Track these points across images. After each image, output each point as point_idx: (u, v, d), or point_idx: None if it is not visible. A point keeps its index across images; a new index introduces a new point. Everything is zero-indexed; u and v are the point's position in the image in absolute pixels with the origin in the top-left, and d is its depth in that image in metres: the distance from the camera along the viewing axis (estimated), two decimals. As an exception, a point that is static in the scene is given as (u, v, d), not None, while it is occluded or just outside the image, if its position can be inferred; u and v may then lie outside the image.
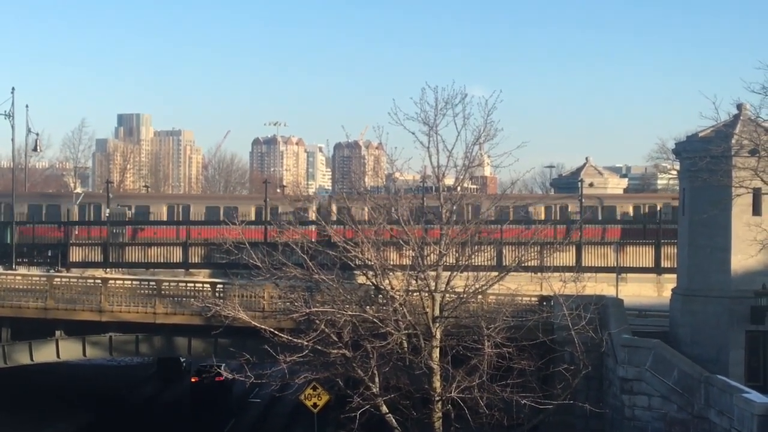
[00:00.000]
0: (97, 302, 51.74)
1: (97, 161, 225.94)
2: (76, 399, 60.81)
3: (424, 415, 35.99)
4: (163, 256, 66.23)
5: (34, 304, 52.24)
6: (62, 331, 52.65)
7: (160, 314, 51.24)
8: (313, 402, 42.88)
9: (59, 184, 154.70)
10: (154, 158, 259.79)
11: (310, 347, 35.52)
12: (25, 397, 60.01)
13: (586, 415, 40.51)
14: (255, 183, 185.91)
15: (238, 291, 48.95)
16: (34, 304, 52.24)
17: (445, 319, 36.52)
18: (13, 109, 61.85)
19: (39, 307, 52.11)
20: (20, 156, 75.82)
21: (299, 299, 37.90)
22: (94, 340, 52.94)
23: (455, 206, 37.73)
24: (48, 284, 52.61)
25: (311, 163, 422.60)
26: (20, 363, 53.65)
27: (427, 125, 36.15)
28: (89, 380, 66.82)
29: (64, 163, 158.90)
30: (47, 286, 52.45)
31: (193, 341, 52.23)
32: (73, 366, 65.13)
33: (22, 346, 52.93)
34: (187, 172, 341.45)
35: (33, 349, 52.77)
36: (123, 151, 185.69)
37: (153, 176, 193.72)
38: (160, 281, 53.21)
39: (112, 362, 69.90)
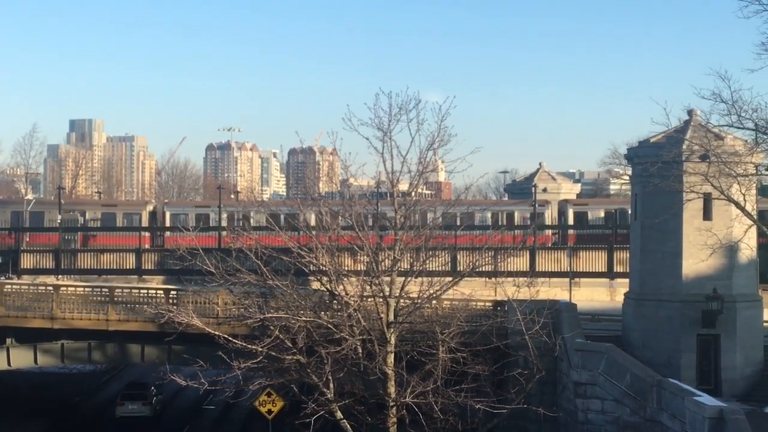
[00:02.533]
0: (49, 309, 51.23)
1: (48, 167, 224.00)
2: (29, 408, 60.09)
3: (379, 420, 36.01)
4: (116, 262, 65.79)
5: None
6: (13, 339, 52.08)
7: (113, 321, 50.82)
8: (268, 408, 42.76)
9: (10, 190, 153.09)
10: (107, 164, 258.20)
11: (265, 353, 35.45)
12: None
13: (540, 420, 40.74)
14: (209, 189, 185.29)
15: (192, 297, 48.72)
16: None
17: (399, 324, 36.57)
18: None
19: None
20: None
21: (253, 305, 37.82)
22: (45, 348, 52.44)
23: (409, 212, 37.81)
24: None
25: (266, 168, 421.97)
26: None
27: (381, 131, 36.23)
28: (43, 388, 66.08)
29: (15, 169, 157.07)
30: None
31: (147, 348, 51.89)
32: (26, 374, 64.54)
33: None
34: (140, 178, 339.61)
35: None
36: (75, 157, 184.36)
37: (106, 182, 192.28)
38: (113, 288, 52.80)
39: (64, 370, 69.13)
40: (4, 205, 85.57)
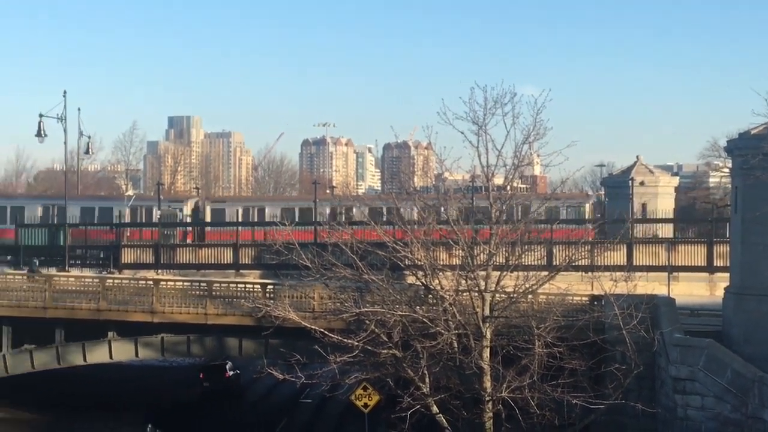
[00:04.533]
0: (149, 303, 52.22)
1: (148, 163, 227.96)
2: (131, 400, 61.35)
3: (475, 415, 35.91)
4: (214, 257, 66.62)
5: (87, 306, 52.82)
6: (115, 332, 53.19)
7: (211, 315, 51.58)
8: (364, 402, 42.93)
9: (111, 186, 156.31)
10: (205, 160, 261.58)
11: (361, 347, 35.61)
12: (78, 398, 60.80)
13: (637, 415, 40.17)
14: (304, 184, 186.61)
15: (288, 292, 49.14)
16: (87, 306, 52.82)
17: (495, 318, 36.43)
18: (65, 112, 62.48)
19: (92, 309, 52.69)
20: (72, 159, 76.72)
21: (349, 300, 38.03)
22: (146, 341, 53.41)
23: (505, 206, 37.66)
24: (101, 286, 53.19)
25: (360, 163, 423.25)
26: (74, 364, 54.30)
27: (476, 125, 36.14)
28: (143, 381, 67.42)
29: (116, 165, 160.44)
30: (100, 288, 53.02)
31: (244, 342, 52.53)
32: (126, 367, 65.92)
33: (75, 347, 53.56)
34: (237, 173, 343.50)
35: (86, 350, 53.40)
36: (174, 153, 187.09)
37: (203, 178, 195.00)
38: (211, 282, 53.59)
39: (164, 363, 70.44)
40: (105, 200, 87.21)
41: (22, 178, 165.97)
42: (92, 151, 79.67)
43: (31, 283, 53.97)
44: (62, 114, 62.47)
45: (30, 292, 53.29)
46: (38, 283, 53.60)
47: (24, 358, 53.78)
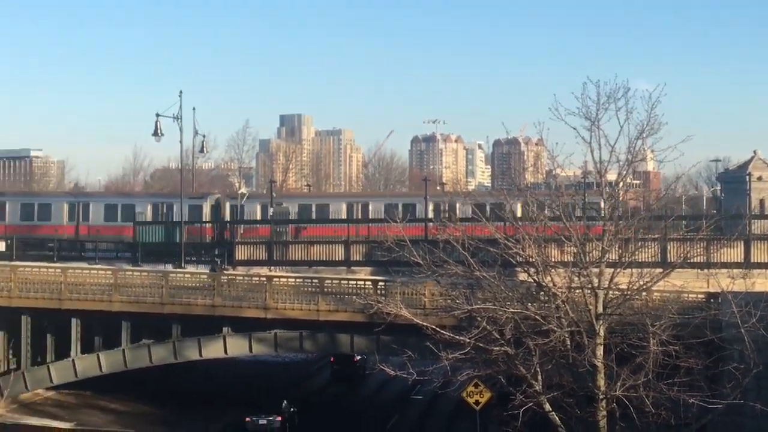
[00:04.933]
0: (263, 300, 52.88)
1: (260, 161, 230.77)
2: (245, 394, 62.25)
3: (588, 413, 35.52)
4: (325, 254, 67.09)
5: (202, 302, 53.73)
6: (229, 328, 54.00)
7: (323, 311, 52.00)
8: (475, 399, 42.84)
9: (224, 184, 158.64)
10: (316, 157, 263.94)
11: (472, 344, 35.49)
12: (196, 392, 61.93)
13: (756, 416, 39.31)
14: (414, 181, 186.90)
15: (400, 288, 49.25)
16: (202, 302, 53.73)
17: (608, 316, 35.97)
18: (180, 111, 63.46)
19: (207, 305, 53.58)
20: (188, 157, 77.81)
21: (460, 296, 37.94)
22: (259, 337, 54.10)
23: (618, 202, 37.17)
24: (215, 282, 54.05)
25: (470, 160, 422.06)
26: (190, 358, 55.30)
27: (588, 120, 35.69)
28: (256, 376, 68.40)
29: (229, 163, 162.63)
30: (214, 284, 53.88)
31: (356, 338, 52.85)
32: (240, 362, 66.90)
33: (191, 342, 54.53)
34: (348, 170, 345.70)
35: (202, 345, 54.31)
36: (285, 151, 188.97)
37: (314, 175, 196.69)
38: (323, 279, 54.00)
39: (277, 359, 71.30)
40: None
41: (140, 177, 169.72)
42: (206, 150, 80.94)
43: (149, 279, 55.06)
44: (178, 113, 63.51)
45: (148, 288, 54.41)
46: (155, 280, 54.68)
47: (142, 352, 54.96)
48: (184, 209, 76.95)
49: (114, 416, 58.96)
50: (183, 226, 67.74)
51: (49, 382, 57.02)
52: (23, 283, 55.36)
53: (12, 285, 55.19)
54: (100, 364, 55.36)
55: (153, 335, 55.69)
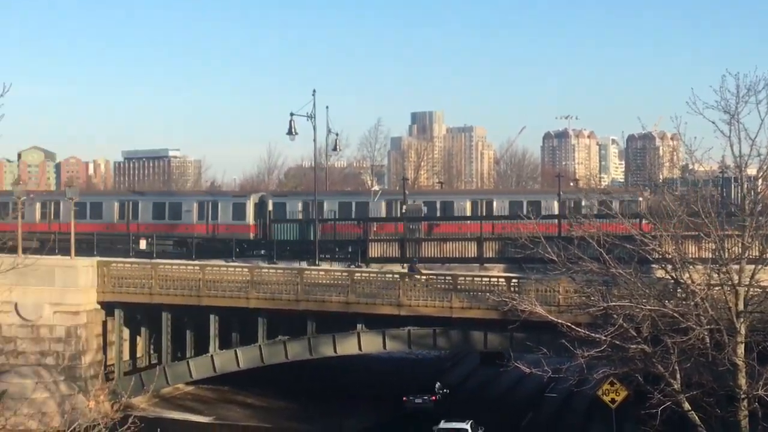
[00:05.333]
0: (396, 297, 53.14)
1: (392, 159, 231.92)
2: (377, 390, 62.61)
3: (729, 413, 34.68)
4: (458, 251, 67.03)
5: (336, 299, 54.27)
6: (363, 325, 54.41)
7: (456, 308, 52.00)
8: (611, 398, 42.28)
9: (357, 182, 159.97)
10: (447, 155, 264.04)
11: (608, 342, 35.03)
12: (330, 388, 62.53)
13: None
14: (546, 177, 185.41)
15: (534, 285, 48.93)
16: (336, 299, 54.27)
17: (749, 314, 35.09)
18: (314, 110, 64.18)
19: (341, 302, 54.10)
20: (321, 156, 78.81)
21: (596, 293, 37.49)
22: (393, 334, 54.38)
23: (759, 197, 36.22)
24: (349, 279, 54.52)
25: (603, 156, 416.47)
26: (325, 355, 55.90)
27: (727, 113, 34.87)
28: (390, 373, 68.68)
29: (362, 161, 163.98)
30: (348, 281, 54.36)
31: (489, 335, 52.71)
32: (374, 358, 67.30)
33: (326, 339, 55.13)
34: (479, 167, 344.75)
35: (336, 342, 54.87)
36: (417, 149, 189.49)
37: (446, 173, 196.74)
38: (456, 276, 54.00)
39: (410, 355, 71.46)
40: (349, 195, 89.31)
41: (274, 175, 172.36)
42: (339, 148, 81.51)
43: (284, 276, 55.84)
44: (311, 112, 64.24)
45: (283, 285, 55.20)
46: (290, 277, 55.44)
47: (278, 348, 55.81)
48: (228, 207, 79.13)
49: (251, 411, 60.01)
50: (317, 224, 68.49)
51: (188, 377, 58.40)
52: (163, 281, 56.79)
53: (153, 282, 56.68)
54: (238, 359, 56.44)
55: (288, 331, 56.52)
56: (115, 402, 30.46)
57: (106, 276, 57.38)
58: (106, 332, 58.44)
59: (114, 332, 58.47)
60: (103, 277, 57.33)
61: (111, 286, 57.28)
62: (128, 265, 59.19)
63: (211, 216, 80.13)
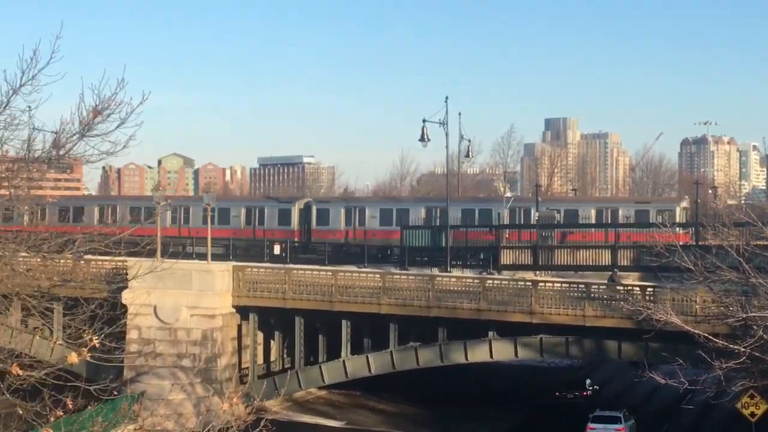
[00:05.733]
0: (528, 304, 52.64)
1: (525, 165, 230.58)
2: (509, 398, 62.28)
3: None
4: (591, 258, 66.22)
5: (467, 306, 54.05)
6: (494, 332, 54.09)
7: (589, 317, 51.28)
8: (751, 411, 41.15)
9: (489, 188, 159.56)
10: (581, 161, 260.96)
11: (747, 354, 34.13)
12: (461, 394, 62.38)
13: None
14: (684, 184, 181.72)
15: (670, 294, 47.93)
16: (467, 306, 54.05)
17: None
18: (446, 117, 64.24)
19: (472, 309, 53.85)
20: (453, 162, 78.75)
21: (735, 303, 36.58)
22: (524, 342, 53.91)
23: None
24: (481, 286, 54.26)
25: (744, 162, 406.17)
26: (456, 362, 55.74)
27: None
28: (521, 381, 68.23)
29: (494, 168, 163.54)
30: (480, 288, 54.10)
31: (623, 345, 51.81)
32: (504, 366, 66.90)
33: (457, 346, 54.97)
34: (614, 174, 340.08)
35: (468, 349, 54.65)
36: (550, 155, 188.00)
37: (579, 179, 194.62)
38: (589, 284, 53.27)
39: (542, 363, 70.82)
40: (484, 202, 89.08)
41: (406, 181, 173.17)
42: (472, 155, 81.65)
43: (415, 283, 55.91)
44: (444, 119, 64.32)
45: (415, 291, 55.25)
46: (422, 283, 55.48)
47: (410, 355, 55.88)
48: (274, 213, 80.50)
49: (383, 416, 60.23)
50: (449, 231, 68.46)
51: (321, 382, 58.90)
52: (297, 286, 57.43)
53: (287, 287, 57.36)
54: (370, 365, 56.69)
55: (419, 338, 56.54)
56: (248, 405, 30.90)
57: (241, 280, 58.31)
58: (241, 336, 59.37)
59: (248, 336, 59.34)
60: (239, 282, 58.28)
61: (246, 290, 58.19)
62: (263, 269, 60.06)
63: (258, 221, 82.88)
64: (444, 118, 64.36)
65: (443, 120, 64.38)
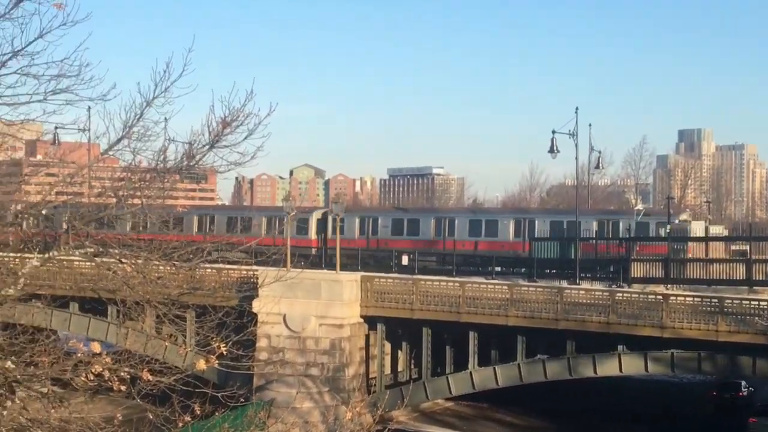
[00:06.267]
0: (659, 318, 51.72)
1: (657, 177, 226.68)
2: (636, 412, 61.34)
3: None
4: (725, 272, 64.70)
5: (596, 319, 53.36)
6: (624, 346, 53.25)
7: (722, 332, 50.09)
8: None
9: (620, 200, 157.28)
10: (716, 174, 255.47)
11: None
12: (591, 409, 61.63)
13: None
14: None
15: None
16: (596, 319, 53.36)
17: None
18: (576, 128, 63.69)
19: (601, 322, 53.13)
20: (583, 174, 77.94)
21: None
22: (655, 356, 52.94)
23: None
24: (610, 299, 53.51)
25: None
26: (584, 375, 55.04)
27: None
28: (649, 395, 67.07)
29: (625, 179, 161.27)
30: (609, 301, 53.35)
31: (758, 361, 50.47)
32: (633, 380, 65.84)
33: (585, 359, 54.29)
34: (750, 187, 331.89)
35: (596, 362, 53.93)
36: (683, 167, 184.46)
37: (714, 192, 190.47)
38: (722, 298, 52.03)
39: (674, 379, 69.49)
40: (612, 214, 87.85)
41: (535, 193, 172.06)
42: (602, 166, 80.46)
43: (543, 295, 55.46)
44: (574, 130, 63.73)
45: (543, 303, 54.82)
46: (550, 295, 55.00)
47: (537, 367, 55.41)
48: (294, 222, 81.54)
49: (510, 429, 59.92)
50: (578, 243, 67.72)
51: (448, 393, 58.80)
52: (424, 296, 57.53)
53: (414, 298, 57.51)
54: (497, 377, 56.39)
55: (546, 350, 56.05)
56: (374, 414, 31.06)
57: (369, 290, 58.69)
58: (368, 345, 59.72)
59: (375, 346, 59.67)
60: (366, 292, 58.67)
61: (374, 300, 58.56)
62: (390, 280, 60.33)
63: (277, 230, 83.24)
64: (574, 129, 63.81)
65: (573, 131, 63.80)
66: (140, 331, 28.69)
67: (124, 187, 21.20)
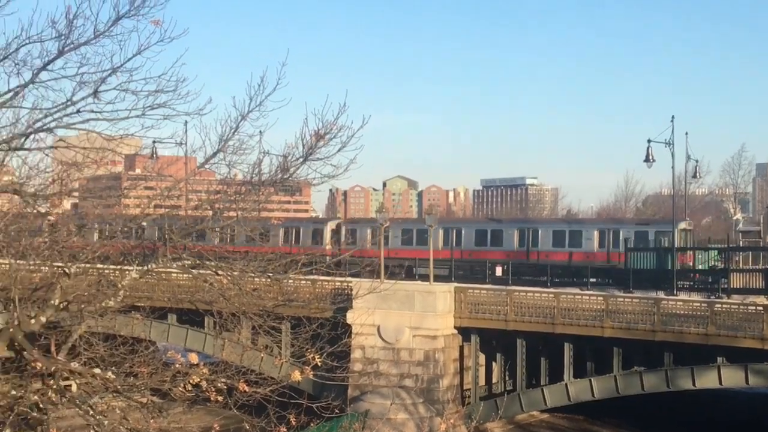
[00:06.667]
0: (759, 330, 50.73)
1: (757, 186, 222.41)
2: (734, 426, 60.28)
3: None
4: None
5: (694, 330, 52.51)
6: (724, 358, 52.31)
7: (828, 344, 49.00)
8: None
9: (718, 210, 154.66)
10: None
11: None
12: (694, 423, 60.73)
13: None
14: None
15: None
16: (694, 330, 52.51)
17: None
18: (672, 136, 63.00)
19: (699, 333, 52.27)
20: (680, 183, 76.88)
21: None
22: (756, 368, 51.87)
23: None
24: (709, 310, 52.62)
25: None
26: (682, 388, 54.17)
27: None
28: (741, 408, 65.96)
29: (724, 189, 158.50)
30: (708, 312, 52.46)
31: None
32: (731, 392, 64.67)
33: (683, 371, 53.44)
34: None
35: (695, 375, 53.06)
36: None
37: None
38: (825, 309, 50.85)
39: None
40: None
41: (631, 203, 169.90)
42: (699, 175, 79.46)
43: (639, 306, 54.78)
44: (670, 139, 63.01)
45: (639, 315, 54.15)
46: (647, 306, 54.30)
47: (634, 379, 54.69)
48: (308, 232, 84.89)
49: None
50: (675, 253, 66.80)
51: (543, 405, 58.37)
52: (518, 308, 57.25)
53: (508, 309, 57.27)
54: (592, 389, 55.83)
55: (643, 362, 55.30)
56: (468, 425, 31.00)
57: (463, 302, 58.61)
58: (463, 357, 59.60)
59: (470, 357, 59.51)
60: (460, 303, 58.59)
61: (467, 311, 58.45)
62: (484, 291, 60.17)
63: (294, 239, 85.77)
64: (670, 138, 63.06)
65: (669, 140, 63.06)
66: (236, 342, 29.00)
67: (220, 200, 21.53)
